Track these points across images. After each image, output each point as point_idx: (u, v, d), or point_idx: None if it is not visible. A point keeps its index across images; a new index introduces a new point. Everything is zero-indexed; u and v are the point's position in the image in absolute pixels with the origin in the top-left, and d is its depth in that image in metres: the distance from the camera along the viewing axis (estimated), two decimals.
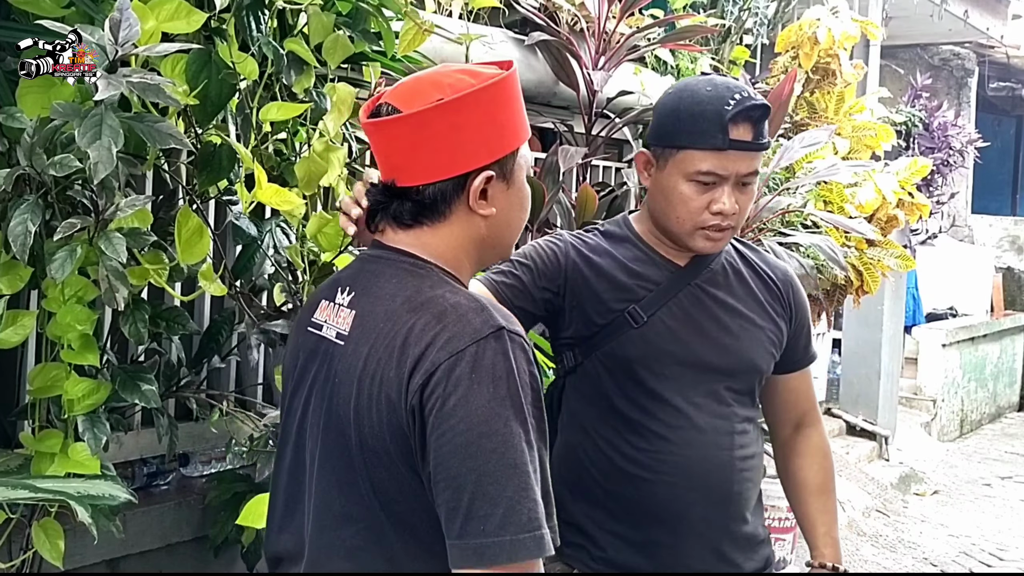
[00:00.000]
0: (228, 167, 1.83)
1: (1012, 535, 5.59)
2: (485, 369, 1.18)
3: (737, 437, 1.77)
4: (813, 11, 4.52)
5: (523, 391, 1.19)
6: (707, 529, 1.75)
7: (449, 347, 1.20)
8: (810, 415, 1.97)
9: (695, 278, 1.79)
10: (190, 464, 2.48)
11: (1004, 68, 10.67)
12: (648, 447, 1.72)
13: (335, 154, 1.89)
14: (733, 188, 1.69)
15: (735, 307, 1.80)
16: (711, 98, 1.67)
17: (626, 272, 1.78)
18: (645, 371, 1.74)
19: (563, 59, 3.31)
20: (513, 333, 1.22)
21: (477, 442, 1.16)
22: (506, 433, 1.17)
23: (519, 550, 1.14)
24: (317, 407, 1.31)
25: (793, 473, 1.97)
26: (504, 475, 1.16)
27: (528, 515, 1.15)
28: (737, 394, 1.79)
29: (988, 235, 10.74)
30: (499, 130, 1.32)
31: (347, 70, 2.10)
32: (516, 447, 1.17)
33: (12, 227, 1.48)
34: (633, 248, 1.82)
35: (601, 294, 1.76)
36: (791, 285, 1.89)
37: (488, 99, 1.30)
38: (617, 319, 1.75)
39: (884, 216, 4.06)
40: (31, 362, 2.13)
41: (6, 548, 1.78)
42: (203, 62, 1.70)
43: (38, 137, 1.52)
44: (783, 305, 1.86)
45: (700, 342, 1.77)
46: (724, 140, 1.65)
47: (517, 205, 1.37)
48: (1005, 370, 9.32)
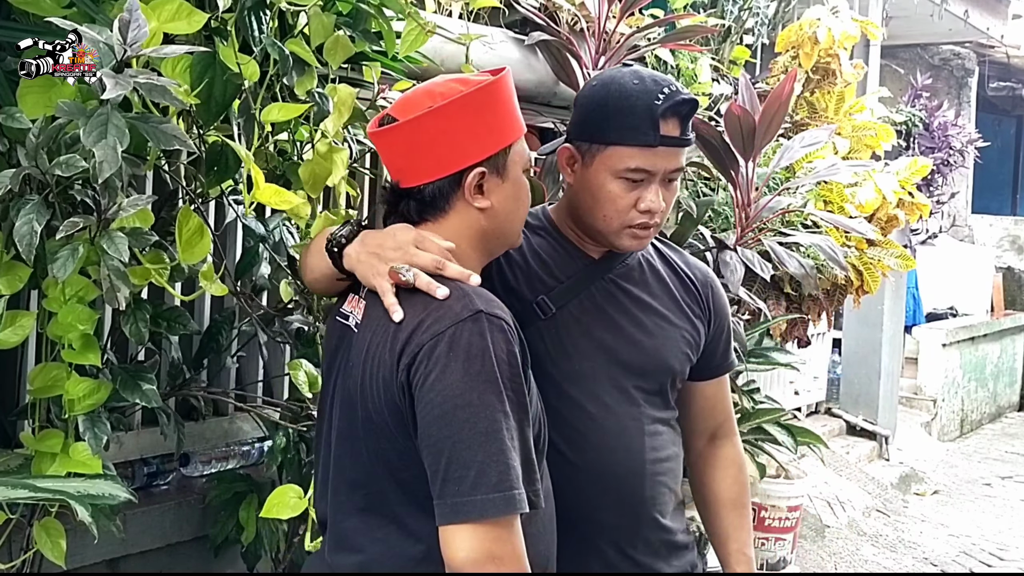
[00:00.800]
0: (235, 167, 1.83)
1: (1012, 535, 5.59)
2: (461, 348, 1.32)
3: (648, 439, 1.69)
4: (813, 11, 4.52)
5: (499, 367, 1.32)
6: (617, 534, 1.67)
7: (431, 330, 1.35)
8: (725, 426, 1.90)
9: (609, 272, 1.72)
10: (190, 464, 2.49)
11: (1004, 68, 10.67)
12: (554, 450, 1.60)
13: (338, 155, 1.89)
14: (660, 185, 1.63)
15: (650, 304, 1.73)
16: (640, 92, 1.60)
17: (538, 262, 1.70)
18: (552, 367, 1.65)
19: (563, 59, 3.31)
20: (492, 316, 1.36)
21: (452, 412, 1.31)
22: (479, 404, 1.30)
23: (489, 508, 1.28)
24: (339, 388, 1.49)
25: (707, 486, 1.88)
26: (476, 441, 1.29)
27: (498, 476, 1.29)
28: (647, 394, 1.71)
29: (988, 235, 10.74)
30: (488, 129, 1.45)
31: (347, 70, 2.10)
32: (488, 416, 1.30)
33: (18, 227, 1.48)
34: (548, 238, 1.74)
35: (510, 283, 1.68)
36: (711, 287, 1.82)
37: (476, 102, 1.44)
38: (525, 310, 1.65)
39: (884, 216, 4.05)
40: (31, 362, 2.14)
41: (7, 548, 1.78)
42: (208, 63, 1.70)
43: (42, 137, 1.52)
44: (701, 307, 1.79)
45: (611, 337, 1.69)
46: (655, 136, 1.59)
47: (513, 197, 1.50)
48: (1005, 370, 9.32)
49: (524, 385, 1.36)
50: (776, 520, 4.40)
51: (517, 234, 1.56)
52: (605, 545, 1.67)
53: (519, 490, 1.30)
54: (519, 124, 1.51)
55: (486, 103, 1.45)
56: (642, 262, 1.77)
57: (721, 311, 1.83)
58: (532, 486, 1.34)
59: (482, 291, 1.42)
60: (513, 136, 1.49)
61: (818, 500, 5.44)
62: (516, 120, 1.51)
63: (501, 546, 1.29)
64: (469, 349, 1.32)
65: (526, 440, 1.35)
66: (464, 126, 1.44)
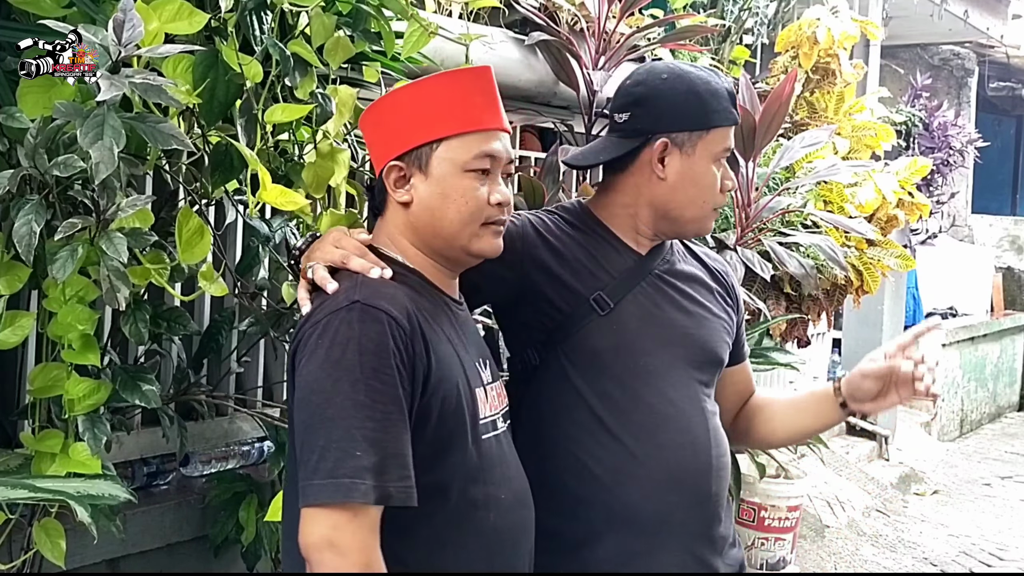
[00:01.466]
0: (239, 168, 1.83)
1: (1012, 535, 5.59)
2: (328, 336, 1.34)
3: (712, 433, 1.68)
4: (813, 11, 4.52)
5: (362, 356, 1.31)
6: (686, 534, 1.65)
7: (312, 319, 1.39)
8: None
9: (655, 267, 1.73)
10: (190, 464, 2.49)
11: (1004, 68, 10.66)
12: (623, 449, 1.61)
13: (340, 155, 1.90)
14: None
15: (695, 296, 1.74)
16: (712, 76, 1.69)
17: (588, 257, 1.69)
18: (615, 363, 1.64)
19: (563, 59, 3.31)
20: (369, 306, 1.35)
21: (307, 398, 1.33)
22: (331, 391, 1.31)
23: (321, 493, 1.28)
24: None
25: (762, 411, 1.90)
26: (322, 427, 1.30)
27: (335, 463, 1.28)
28: (705, 386, 1.72)
29: (988, 235, 10.73)
30: (413, 125, 1.46)
31: (348, 70, 2.10)
32: (338, 404, 1.30)
33: (17, 228, 1.48)
34: (592, 234, 1.72)
35: (562, 277, 1.66)
36: (732, 276, 1.87)
37: (405, 98, 1.48)
38: (582, 306, 1.65)
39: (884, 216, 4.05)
40: (31, 362, 2.14)
41: (7, 548, 1.78)
42: (210, 63, 1.70)
43: (41, 137, 1.52)
44: (729, 295, 1.82)
45: (669, 331, 1.69)
46: (736, 113, 1.69)
47: (438, 195, 1.46)
48: (1005, 370, 9.32)
49: (398, 376, 1.33)
50: (776, 520, 4.39)
51: (460, 236, 1.48)
52: (675, 544, 1.64)
53: (359, 480, 1.27)
54: (461, 121, 1.46)
55: (414, 98, 1.47)
56: (679, 255, 1.79)
57: (740, 299, 1.88)
58: (398, 481, 1.30)
59: (375, 282, 1.41)
60: (442, 132, 1.45)
61: (818, 500, 5.43)
62: (453, 117, 1.46)
63: (338, 534, 1.28)
64: (335, 337, 1.33)
65: (394, 433, 1.32)
66: (388, 123, 1.48)
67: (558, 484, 1.63)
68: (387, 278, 1.44)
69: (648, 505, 1.62)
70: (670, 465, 1.63)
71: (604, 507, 1.62)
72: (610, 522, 1.62)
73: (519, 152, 3.60)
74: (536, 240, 1.69)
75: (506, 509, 1.47)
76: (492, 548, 1.45)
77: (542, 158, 3.37)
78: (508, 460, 1.52)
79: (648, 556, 1.63)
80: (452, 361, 1.44)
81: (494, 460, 1.48)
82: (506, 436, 1.54)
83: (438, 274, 1.52)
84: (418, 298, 1.45)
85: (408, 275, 1.48)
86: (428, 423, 1.38)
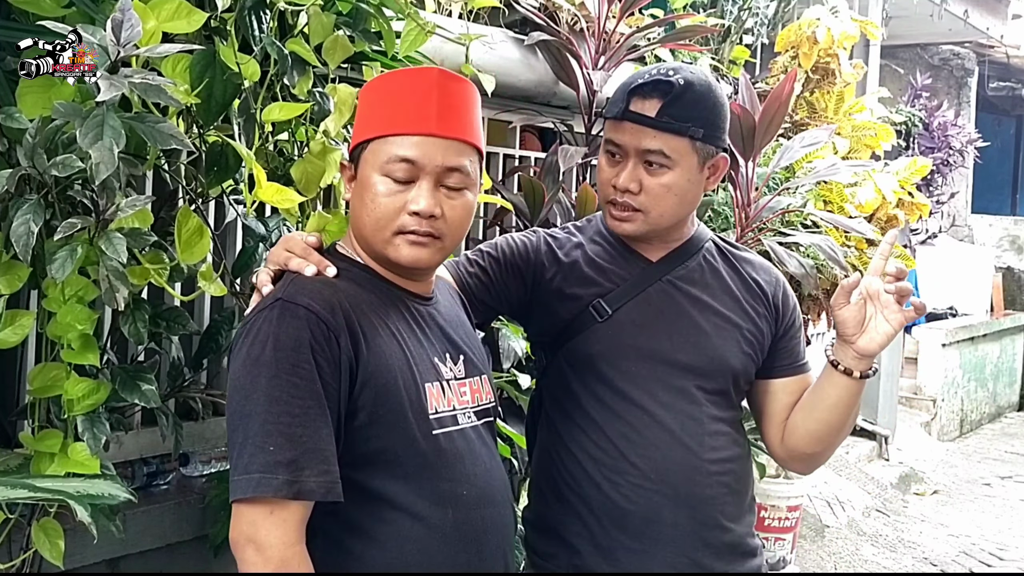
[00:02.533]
0: (235, 167, 1.83)
1: (1012, 535, 5.59)
2: (251, 334, 1.34)
3: (708, 439, 1.69)
4: (813, 11, 4.52)
5: (278, 352, 1.31)
6: (676, 535, 1.66)
7: (244, 320, 1.40)
8: None
9: (667, 273, 1.74)
10: (190, 464, 2.49)
11: (1004, 68, 10.67)
12: (613, 448, 1.65)
13: (332, 155, 1.89)
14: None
15: (709, 304, 1.74)
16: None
17: (593, 266, 1.74)
18: (609, 367, 1.68)
19: (563, 59, 3.31)
20: (290, 303, 1.35)
21: (230, 396, 1.34)
22: (249, 387, 1.31)
23: (236, 490, 1.30)
24: None
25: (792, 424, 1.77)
26: (241, 423, 1.31)
27: (249, 458, 1.29)
28: (709, 394, 1.71)
29: (988, 235, 10.74)
30: (357, 125, 1.47)
31: (347, 70, 2.10)
32: (255, 400, 1.30)
33: (15, 227, 1.48)
34: (604, 244, 1.77)
35: (567, 289, 1.72)
36: (777, 288, 1.82)
37: (362, 98, 1.48)
38: (582, 313, 1.70)
39: (884, 216, 4.06)
40: (31, 362, 2.13)
41: (6, 548, 1.78)
42: (208, 62, 1.70)
43: (39, 137, 1.52)
44: (766, 307, 1.78)
45: (668, 338, 1.70)
46: (623, 107, 1.69)
47: (358, 196, 1.45)
48: (1005, 370, 9.32)
49: (317, 371, 1.31)
50: (776, 520, 4.40)
51: (373, 240, 1.44)
52: (665, 545, 1.66)
53: (271, 474, 1.27)
54: (385, 123, 1.42)
55: (365, 98, 1.47)
56: (703, 264, 1.78)
57: (792, 310, 1.82)
58: (318, 476, 1.29)
59: (304, 280, 1.40)
60: (373, 132, 1.43)
61: (818, 500, 5.44)
62: (379, 119, 1.43)
63: (255, 530, 1.28)
64: (256, 335, 1.33)
65: (313, 428, 1.30)
66: (356, 120, 1.50)
67: (561, 479, 1.71)
68: (330, 276, 1.42)
69: (636, 504, 1.65)
70: (657, 465, 1.66)
71: (597, 503, 1.67)
72: (602, 518, 1.67)
73: (519, 152, 3.60)
74: (547, 255, 1.76)
75: (469, 506, 1.45)
76: (454, 546, 1.43)
77: (542, 158, 3.37)
78: (475, 456, 1.48)
79: (640, 554, 1.66)
80: (393, 354, 1.41)
81: (453, 456, 1.44)
82: (476, 432, 1.51)
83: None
84: (361, 292, 1.42)
85: (356, 271, 1.46)
86: (361, 415, 1.37)
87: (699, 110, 1.64)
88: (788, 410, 1.79)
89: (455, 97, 1.44)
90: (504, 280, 1.73)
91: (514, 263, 1.74)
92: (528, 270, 1.74)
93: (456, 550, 1.43)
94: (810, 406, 1.75)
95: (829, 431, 1.74)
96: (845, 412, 1.71)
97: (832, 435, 1.75)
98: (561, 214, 3.22)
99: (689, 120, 1.63)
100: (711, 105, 1.66)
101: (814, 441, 1.76)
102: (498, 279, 1.73)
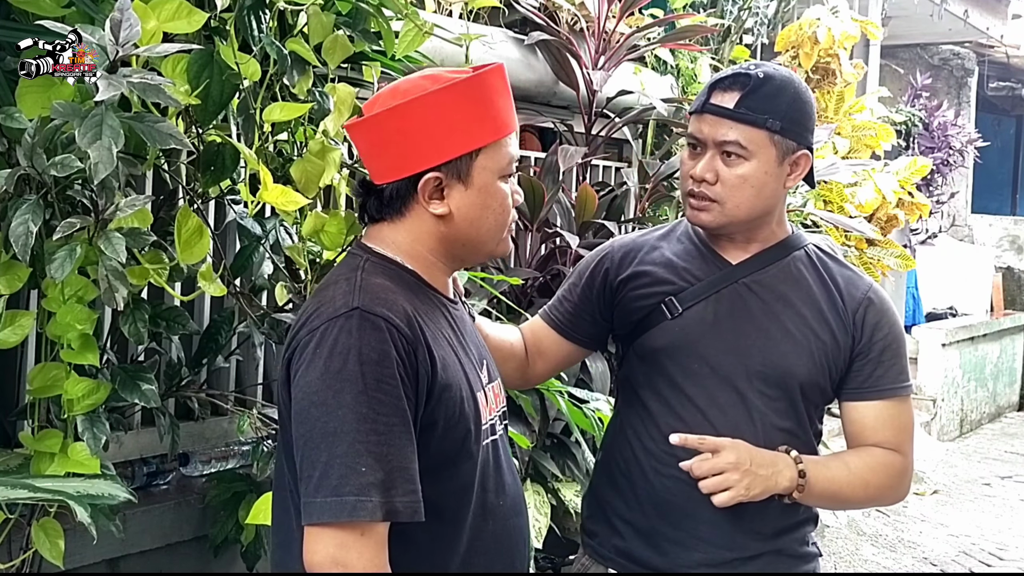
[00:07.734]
0: (231, 167, 1.83)
1: (1012, 535, 5.59)
2: (327, 345, 1.28)
3: (762, 446, 1.64)
4: (813, 11, 4.53)
5: (363, 367, 1.26)
6: (713, 535, 1.66)
7: (309, 325, 1.32)
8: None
9: (744, 276, 1.72)
10: (190, 464, 2.49)
11: (1004, 68, 10.67)
12: (664, 441, 1.66)
13: (331, 154, 1.89)
14: None
15: (783, 310, 1.70)
16: None
17: (669, 267, 1.76)
18: (672, 364, 1.71)
19: (563, 59, 3.32)
20: (370, 313, 1.29)
21: (307, 410, 1.27)
22: (333, 404, 1.25)
23: (326, 511, 1.23)
24: None
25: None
26: (324, 441, 1.25)
27: (338, 480, 1.23)
28: (770, 400, 1.68)
29: (988, 235, 10.74)
30: (449, 132, 1.36)
31: (347, 70, 2.10)
32: (340, 417, 1.24)
33: (13, 227, 1.48)
34: (687, 242, 1.80)
35: (641, 288, 1.76)
36: (866, 305, 1.73)
37: (437, 103, 1.35)
38: (654, 310, 1.74)
39: (884, 216, 4.06)
40: (31, 362, 2.14)
41: (6, 548, 1.78)
42: (205, 62, 1.70)
43: (39, 137, 1.52)
44: (846, 321, 1.71)
45: (734, 341, 1.69)
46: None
47: (479, 205, 1.41)
48: (1005, 370, 9.32)
49: (401, 387, 1.28)
50: None
51: (490, 243, 1.45)
52: (704, 542, 1.67)
53: (365, 497, 1.23)
54: (496, 127, 1.40)
55: (448, 104, 1.36)
56: (788, 270, 1.74)
57: (875, 331, 1.72)
58: (405, 496, 1.26)
59: (374, 286, 1.34)
60: (482, 140, 1.38)
61: None
62: (490, 123, 1.39)
63: (345, 553, 1.23)
64: (334, 346, 1.27)
65: (399, 446, 1.27)
66: (421, 127, 1.36)
67: (615, 464, 1.78)
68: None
69: (677, 497, 1.68)
70: None
71: (643, 491, 1.72)
72: (643, 505, 1.72)
73: (519, 152, 3.60)
74: (620, 264, 1.82)
75: (503, 516, 1.45)
76: (491, 556, 1.43)
77: (542, 158, 3.37)
78: (504, 466, 1.48)
79: (681, 546, 1.69)
80: (454, 365, 1.39)
81: (492, 467, 1.44)
82: (503, 440, 1.51)
83: (435, 273, 1.46)
84: (416, 299, 1.38)
85: (404, 274, 1.41)
86: (434, 432, 1.34)
87: (777, 103, 1.64)
88: (848, 439, 1.75)
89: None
90: (586, 308, 1.84)
91: (590, 287, 1.83)
92: (604, 289, 1.82)
93: (492, 560, 1.43)
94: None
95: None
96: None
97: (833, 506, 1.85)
98: (561, 214, 3.22)
99: (767, 112, 1.63)
100: (791, 99, 1.65)
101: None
102: (582, 307, 1.84)
